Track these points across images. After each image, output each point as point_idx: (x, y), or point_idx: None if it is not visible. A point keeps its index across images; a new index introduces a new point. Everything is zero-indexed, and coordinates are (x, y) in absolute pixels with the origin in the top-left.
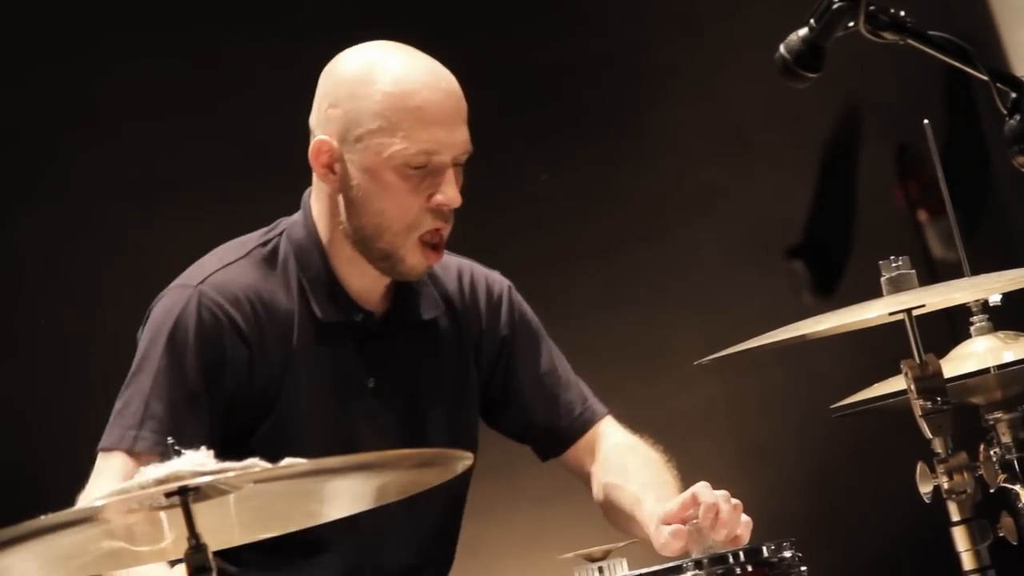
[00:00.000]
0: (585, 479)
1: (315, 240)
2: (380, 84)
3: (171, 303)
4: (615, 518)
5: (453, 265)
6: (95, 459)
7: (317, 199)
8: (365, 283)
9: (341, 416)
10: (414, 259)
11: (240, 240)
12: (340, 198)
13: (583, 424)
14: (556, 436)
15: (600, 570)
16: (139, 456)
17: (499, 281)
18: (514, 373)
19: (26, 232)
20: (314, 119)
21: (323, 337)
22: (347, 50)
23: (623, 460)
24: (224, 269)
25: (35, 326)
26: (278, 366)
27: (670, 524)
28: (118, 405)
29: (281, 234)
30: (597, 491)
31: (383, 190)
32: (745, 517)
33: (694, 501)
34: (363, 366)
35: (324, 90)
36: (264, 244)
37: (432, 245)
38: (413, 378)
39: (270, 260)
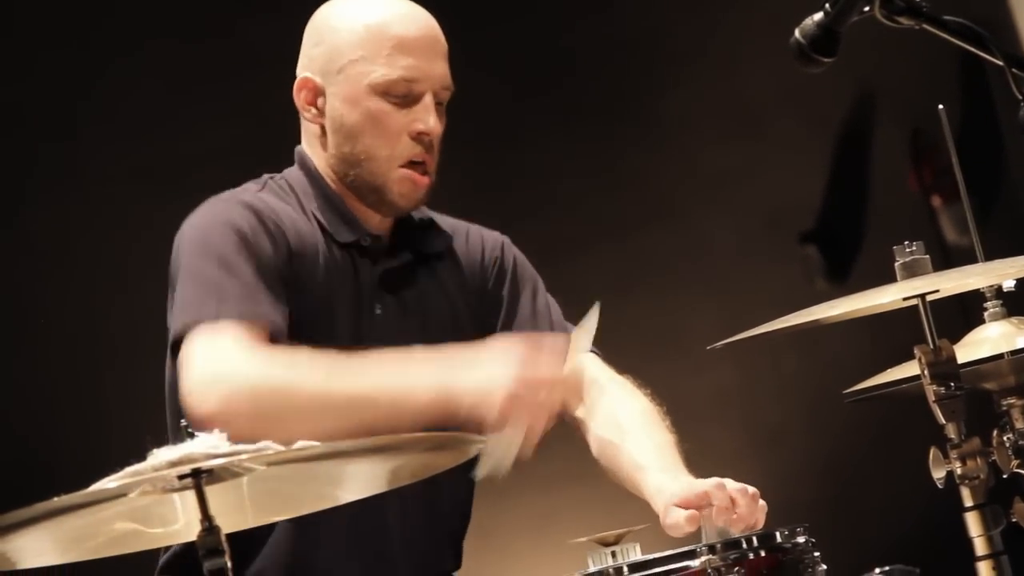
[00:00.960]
0: (571, 422)
1: (316, 177)
2: (361, 18)
3: (214, 211)
4: (614, 475)
5: (452, 222)
6: (174, 352)
7: (308, 144)
8: (368, 215)
9: (351, 339)
10: (401, 186)
11: (239, 188)
12: (330, 136)
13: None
14: None
15: (613, 555)
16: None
17: (496, 236)
18: (508, 318)
19: (34, 216)
20: (301, 62)
21: (338, 261)
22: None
23: (616, 413)
24: (249, 193)
25: (48, 310)
26: (304, 277)
27: (684, 507)
28: (181, 302)
29: (284, 174)
30: (593, 444)
31: (365, 118)
32: (761, 502)
33: (708, 495)
34: (372, 292)
35: (308, 33)
36: (272, 179)
37: (417, 166)
38: (417, 311)
39: (286, 189)
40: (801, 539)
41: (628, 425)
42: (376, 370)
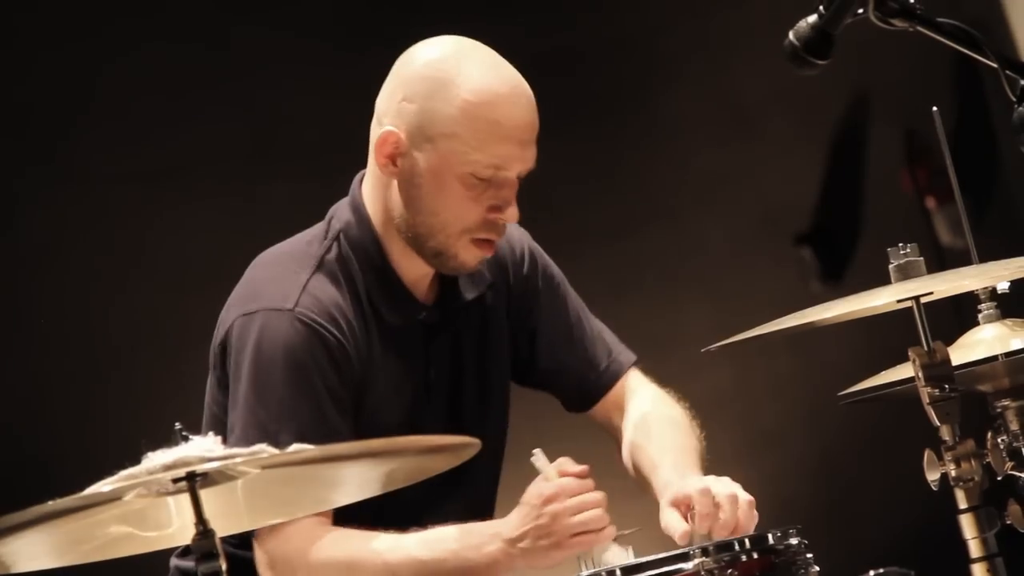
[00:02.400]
0: (613, 433)
1: (372, 236)
2: (461, 90)
3: (273, 328)
4: (636, 477)
5: None
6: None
7: (372, 188)
8: (419, 273)
9: (411, 415)
10: (466, 256)
11: (299, 244)
12: (397, 191)
13: (609, 378)
14: (582, 391)
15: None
16: None
17: (520, 236)
18: (540, 327)
19: (30, 220)
20: (384, 106)
21: (390, 339)
22: (427, 42)
23: (646, 419)
24: (306, 290)
25: (44, 313)
26: (361, 376)
27: (678, 507)
28: (244, 432)
29: (338, 236)
30: (624, 450)
31: (444, 194)
32: (751, 508)
33: (691, 500)
34: (425, 361)
35: (400, 80)
36: (328, 252)
37: (486, 243)
38: (466, 363)
39: (338, 270)
40: (794, 541)
41: (656, 430)
42: (430, 548)
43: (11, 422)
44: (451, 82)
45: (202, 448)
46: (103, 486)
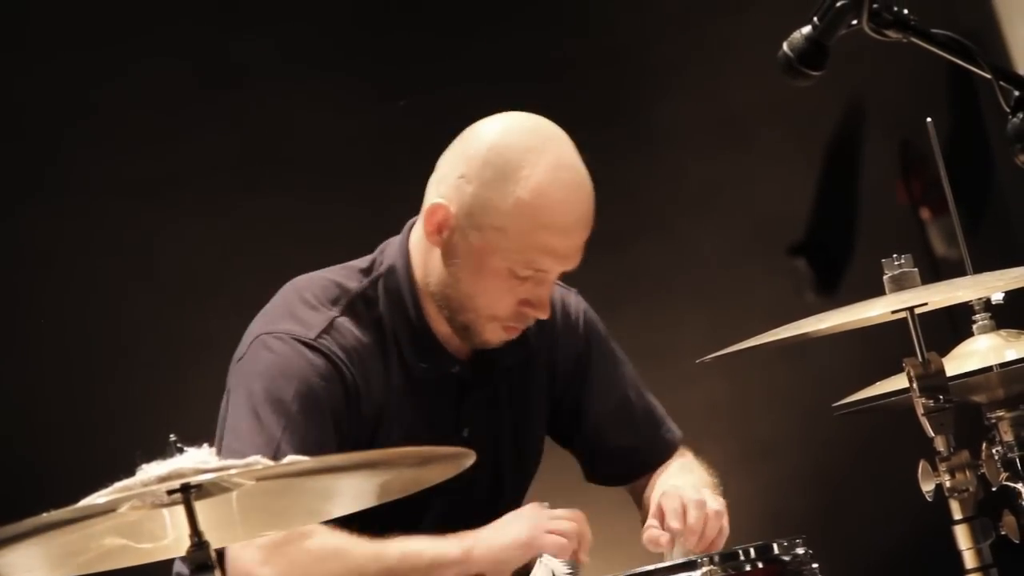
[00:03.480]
0: (640, 506)
1: (411, 286)
2: (519, 187)
3: (292, 351)
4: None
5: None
6: None
7: (418, 242)
8: (452, 339)
9: None
10: (491, 337)
11: (340, 278)
12: (440, 259)
13: (654, 458)
14: (622, 471)
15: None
16: None
17: (576, 304)
18: (586, 396)
19: (29, 228)
20: (442, 173)
21: (416, 389)
22: (500, 120)
23: (669, 470)
24: (333, 325)
25: (39, 323)
26: (374, 418)
27: (655, 520)
28: (237, 446)
29: (380, 278)
30: (643, 505)
31: (482, 279)
32: (722, 524)
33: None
34: (457, 416)
35: (462, 156)
36: (365, 290)
37: (514, 328)
38: (503, 423)
39: (368, 313)
40: (800, 551)
41: (672, 471)
42: (410, 543)
43: (5, 433)
44: (511, 176)
45: (197, 460)
46: (98, 498)
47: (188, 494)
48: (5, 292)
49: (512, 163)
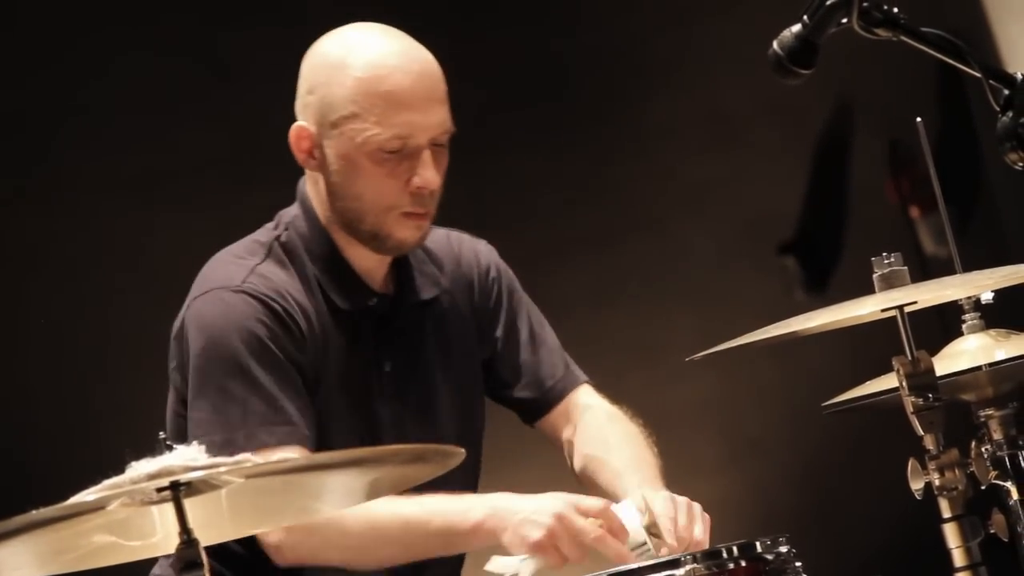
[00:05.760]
0: (561, 445)
1: (319, 228)
2: (352, 69)
3: (223, 308)
4: (594, 488)
5: (442, 242)
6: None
7: (311, 186)
8: (370, 263)
9: (364, 403)
10: (401, 232)
11: (248, 241)
12: (323, 183)
13: (560, 391)
14: (534, 402)
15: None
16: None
17: (487, 252)
18: (501, 339)
19: (21, 225)
20: (297, 105)
21: (342, 326)
22: (327, 34)
23: (603, 432)
24: (255, 271)
25: (29, 321)
26: (314, 357)
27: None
28: (206, 422)
29: (287, 229)
30: (577, 461)
31: (359, 175)
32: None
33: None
34: (379, 351)
35: (303, 75)
36: (277, 241)
37: (417, 216)
38: (424, 359)
39: (287, 257)
40: (783, 549)
41: (613, 442)
42: (428, 500)
43: None
44: (343, 64)
45: (186, 457)
46: (87, 495)
47: (177, 492)
48: None
49: (339, 54)
